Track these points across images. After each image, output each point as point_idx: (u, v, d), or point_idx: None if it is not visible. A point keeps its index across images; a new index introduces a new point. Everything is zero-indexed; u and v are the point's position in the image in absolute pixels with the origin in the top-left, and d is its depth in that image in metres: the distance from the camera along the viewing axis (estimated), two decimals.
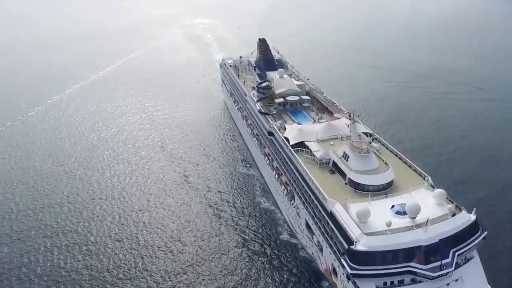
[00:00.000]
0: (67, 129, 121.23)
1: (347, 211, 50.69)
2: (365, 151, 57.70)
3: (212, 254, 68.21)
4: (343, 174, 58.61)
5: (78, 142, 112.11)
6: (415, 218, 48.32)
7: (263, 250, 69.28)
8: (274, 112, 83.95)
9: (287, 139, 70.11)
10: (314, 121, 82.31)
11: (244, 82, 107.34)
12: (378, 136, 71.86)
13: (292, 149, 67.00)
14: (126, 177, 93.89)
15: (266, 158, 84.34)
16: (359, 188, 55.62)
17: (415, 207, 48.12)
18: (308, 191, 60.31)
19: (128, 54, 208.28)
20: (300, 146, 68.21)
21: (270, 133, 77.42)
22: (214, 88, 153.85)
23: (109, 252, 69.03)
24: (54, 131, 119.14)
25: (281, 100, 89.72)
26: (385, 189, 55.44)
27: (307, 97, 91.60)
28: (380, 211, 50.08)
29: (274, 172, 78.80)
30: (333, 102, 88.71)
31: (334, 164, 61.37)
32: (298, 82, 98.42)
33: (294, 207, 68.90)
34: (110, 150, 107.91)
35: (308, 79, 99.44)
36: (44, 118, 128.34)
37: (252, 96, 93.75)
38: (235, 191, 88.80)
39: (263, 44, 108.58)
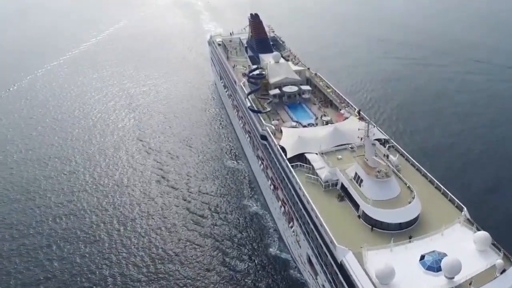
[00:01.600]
0: (37, 112, 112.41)
1: (363, 265, 38.53)
2: (383, 175, 44.94)
3: (186, 275, 58.76)
4: (355, 204, 46.08)
5: (48, 127, 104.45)
6: (453, 278, 36.32)
7: (247, 268, 59.78)
8: (268, 109, 70.14)
9: (284, 150, 57.01)
10: (317, 118, 68.94)
11: (234, 66, 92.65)
12: (395, 143, 58.72)
13: (289, 165, 54.04)
14: (86, 175, 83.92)
15: (260, 162, 71.64)
16: (377, 226, 43.28)
17: (455, 265, 35.78)
18: (311, 224, 48.02)
19: (113, 25, 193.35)
20: (300, 159, 55.29)
21: (263, 137, 64.21)
22: (203, 64, 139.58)
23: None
24: (23, 114, 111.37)
25: (277, 91, 75.77)
26: (409, 226, 43.19)
27: (308, 87, 77.54)
28: (405, 265, 37.85)
29: (269, 182, 66.30)
30: (338, 93, 74.86)
31: (343, 188, 48.65)
32: (297, 68, 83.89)
33: (293, 232, 56.94)
34: (78, 137, 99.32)
35: (308, 68, 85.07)
36: (16, 100, 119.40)
37: (243, 86, 79.58)
38: (220, 190, 77.95)
39: (255, 21, 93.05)
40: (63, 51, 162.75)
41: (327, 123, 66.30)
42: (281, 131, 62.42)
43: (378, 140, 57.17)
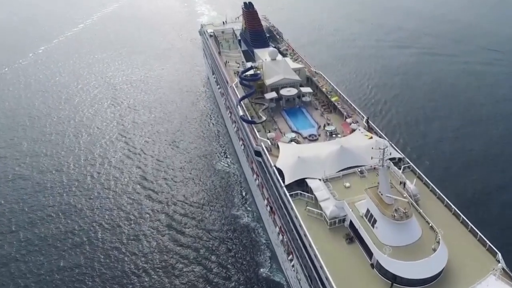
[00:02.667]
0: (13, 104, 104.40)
1: None
2: (402, 215, 36.88)
3: None
4: (367, 249, 38.23)
5: (25, 120, 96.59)
6: None
7: None
8: (264, 118, 61.47)
9: (281, 172, 48.74)
10: (319, 126, 60.53)
11: (226, 62, 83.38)
12: (411, 163, 50.45)
13: (288, 194, 45.91)
14: (62, 179, 76.28)
15: (254, 175, 63.61)
16: (394, 280, 35.55)
17: None
18: (313, 270, 40.33)
19: (102, 9, 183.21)
20: (300, 184, 47.13)
21: (258, 153, 55.91)
22: (195, 52, 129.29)
23: None
24: None
25: (274, 95, 66.98)
26: (433, 280, 35.49)
27: (309, 89, 68.71)
28: None
29: (265, 202, 58.37)
30: (342, 96, 66.15)
31: (353, 226, 40.69)
32: (296, 65, 74.83)
33: (292, 267, 49.34)
34: (54, 132, 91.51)
35: (309, 67, 76.39)
36: None
37: (235, 88, 70.69)
38: (207, 197, 70.69)
39: (249, 11, 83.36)
40: (49, 37, 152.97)
41: (331, 134, 58.09)
42: (277, 146, 54.14)
43: (392, 159, 48.94)
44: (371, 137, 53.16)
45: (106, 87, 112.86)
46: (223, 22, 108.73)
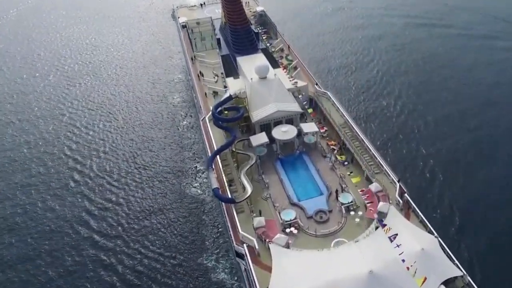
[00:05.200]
0: None
1: None
2: None
3: None
4: None
5: None
6: None
7: None
8: (249, 191, 40.13)
9: None
10: (330, 193, 41.21)
11: (199, 74, 61.84)
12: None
13: None
14: None
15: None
16: None
17: None
18: None
19: None
20: None
21: (240, 255, 36.77)
22: (171, 31, 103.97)
23: None
24: None
25: (263, 139, 46.65)
26: None
27: (313, 127, 48.22)
28: None
29: None
30: (361, 139, 45.94)
31: None
32: (297, 84, 53.75)
33: None
34: None
35: (316, 84, 55.39)
36: None
37: (208, 125, 50.07)
38: (171, 236, 51.33)
39: (231, 0, 60.22)
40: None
41: (348, 209, 39.10)
42: (268, 247, 35.04)
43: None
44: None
45: (65, 70, 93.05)
46: (201, 5, 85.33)
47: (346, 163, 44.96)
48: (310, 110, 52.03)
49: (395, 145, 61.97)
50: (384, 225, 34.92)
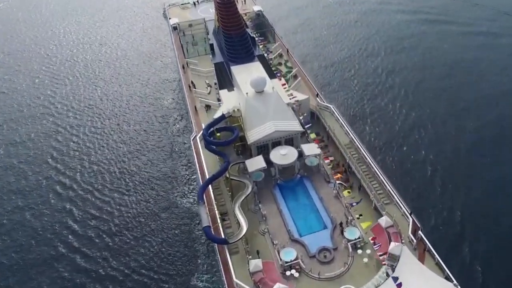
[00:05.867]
0: None
1: None
2: None
3: None
4: None
5: None
6: None
7: None
8: (244, 230, 35.76)
9: None
10: (335, 225, 37.24)
11: (191, 84, 57.06)
12: None
13: None
14: None
15: None
16: None
17: None
18: None
19: None
20: None
21: None
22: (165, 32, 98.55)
23: None
24: None
25: (260, 164, 42.19)
26: None
27: (316, 149, 43.73)
28: None
29: None
30: (369, 162, 41.58)
31: None
32: (297, 96, 49.09)
33: None
34: None
35: (316, 95, 50.65)
36: None
37: (199, 141, 45.59)
38: (160, 256, 46.73)
39: (223, 1, 54.91)
40: None
41: (354, 245, 35.18)
42: None
43: None
44: None
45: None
46: (194, 3, 79.93)
47: (354, 204, 39.60)
48: (313, 136, 46.89)
49: (407, 169, 54.22)
50: (396, 279, 30.65)
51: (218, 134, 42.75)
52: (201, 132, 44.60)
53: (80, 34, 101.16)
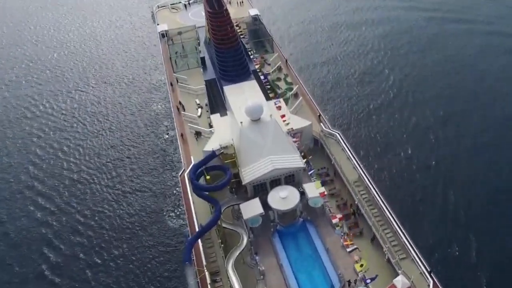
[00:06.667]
0: None
1: None
2: None
3: None
4: None
5: None
6: None
7: None
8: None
9: None
10: (343, 285, 31.98)
11: (179, 106, 51.15)
12: None
13: None
14: None
15: None
16: None
17: None
18: None
19: None
20: None
21: None
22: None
23: None
24: None
25: (257, 210, 36.66)
26: None
27: (319, 188, 38.36)
28: None
29: None
30: (381, 205, 36.25)
31: None
32: (299, 124, 43.27)
33: None
34: None
35: (319, 116, 44.96)
36: None
37: (187, 180, 40.09)
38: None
39: (215, 12, 48.48)
40: None
41: None
42: None
43: None
44: None
45: None
46: (185, 5, 73.22)
47: (367, 280, 32.58)
48: (318, 185, 38.63)
49: (425, 214, 45.64)
50: None
51: (208, 178, 37.19)
52: (189, 169, 39.08)
53: (65, 31, 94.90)
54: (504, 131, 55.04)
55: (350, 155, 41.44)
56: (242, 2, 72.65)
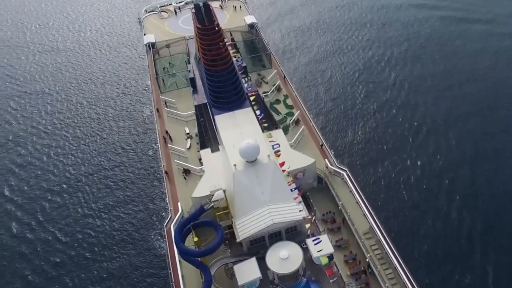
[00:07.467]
0: None
1: None
2: None
3: None
4: None
5: None
6: None
7: None
8: None
9: None
10: None
11: (166, 137, 45.67)
12: None
13: None
14: None
15: None
16: None
17: None
18: None
19: None
20: None
21: None
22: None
23: None
24: None
25: (255, 274, 31.39)
26: None
27: (328, 249, 33.07)
28: None
29: None
30: (395, 265, 31.32)
31: None
32: (302, 162, 37.88)
33: None
34: None
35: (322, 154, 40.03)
36: None
37: (174, 242, 34.82)
38: None
39: (205, 27, 42.25)
40: None
41: None
42: None
43: None
44: None
45: None
46: (175, 11, 66.81)
47: None
48: (325, 260, 32.42)
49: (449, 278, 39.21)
50: None
51: (196, 239, 32.03)
52: (174, 230, 33.76)
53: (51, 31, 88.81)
54: None
55: (360, 199, 36.32)
56: (240, 6, 66.28)
